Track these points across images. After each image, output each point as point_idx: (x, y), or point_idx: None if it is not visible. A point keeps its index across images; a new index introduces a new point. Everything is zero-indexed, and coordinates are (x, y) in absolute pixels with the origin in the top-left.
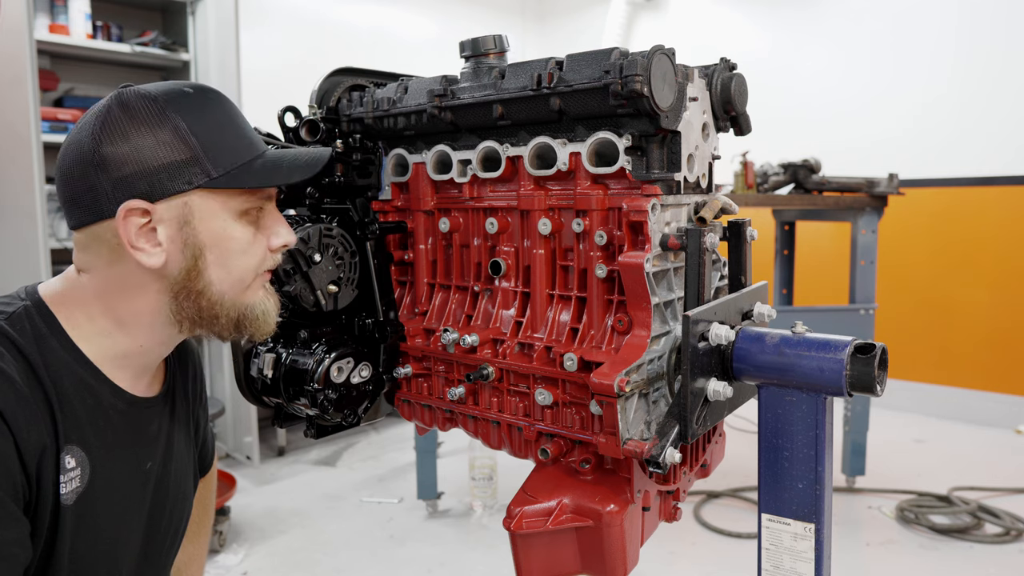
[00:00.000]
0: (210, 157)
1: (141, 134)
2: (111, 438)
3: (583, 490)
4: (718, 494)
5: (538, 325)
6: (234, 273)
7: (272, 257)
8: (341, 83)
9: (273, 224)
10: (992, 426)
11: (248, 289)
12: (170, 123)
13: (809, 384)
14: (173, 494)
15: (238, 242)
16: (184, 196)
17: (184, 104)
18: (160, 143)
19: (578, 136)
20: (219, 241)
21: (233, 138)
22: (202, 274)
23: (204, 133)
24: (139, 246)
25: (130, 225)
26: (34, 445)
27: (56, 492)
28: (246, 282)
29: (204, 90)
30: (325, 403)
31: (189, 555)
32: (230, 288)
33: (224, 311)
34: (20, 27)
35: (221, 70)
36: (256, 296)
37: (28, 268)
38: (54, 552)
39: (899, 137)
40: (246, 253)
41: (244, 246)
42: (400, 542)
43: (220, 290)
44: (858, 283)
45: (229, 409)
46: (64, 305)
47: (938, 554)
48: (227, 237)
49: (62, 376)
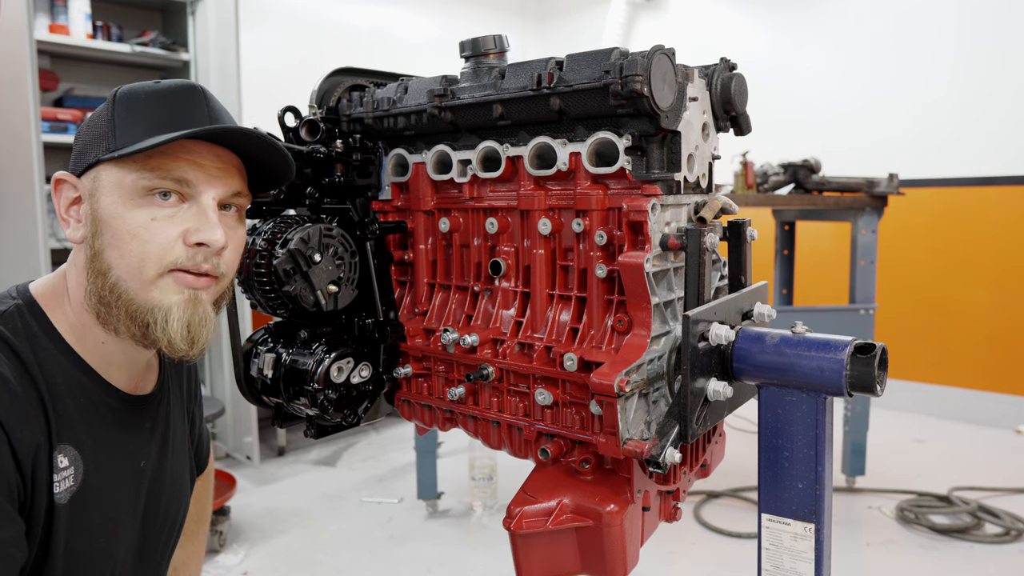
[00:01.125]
0: (119, 131)
1: (91, 118)
2: (104, 436)
3: (583, 490)
4: (718, 494)
5: (538, 325)
6: (127, 258)
7: (187, 253)
8: (341, 83)
9: (200, 219)
10: (992, 426)
11: (152, 285)
12: (113, 106)
13: (809, 384)
14: (168, 492)
15: (126, 222)
16: (94, 170)
17: (141, 91)
18: (92, 122)
19: (578, 136)
20: (112, 219)
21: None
22: (100, 254)
23: (127, 111)
24: (66, 218)
25: (60, 197)
26: (28, 444)
27: (50, 491)
28: (146, 275)
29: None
30: (325, 403)
31: (188, 553)
32: (128, 276)
33: (123, 302)
34: (20, 27)
35: (221, 70)
36: (165, 297)
37: (28, 268)
38: (49, 551)
39: (899, 137)
40: (137, 237)
41: (134, 228)
42: (400, 542)
43: (118, 275)
44: (858, 283)
45: (229, 409)
46: (55, 301)
47: (938, 554)
48: (117, 215)
49: (54, 374)
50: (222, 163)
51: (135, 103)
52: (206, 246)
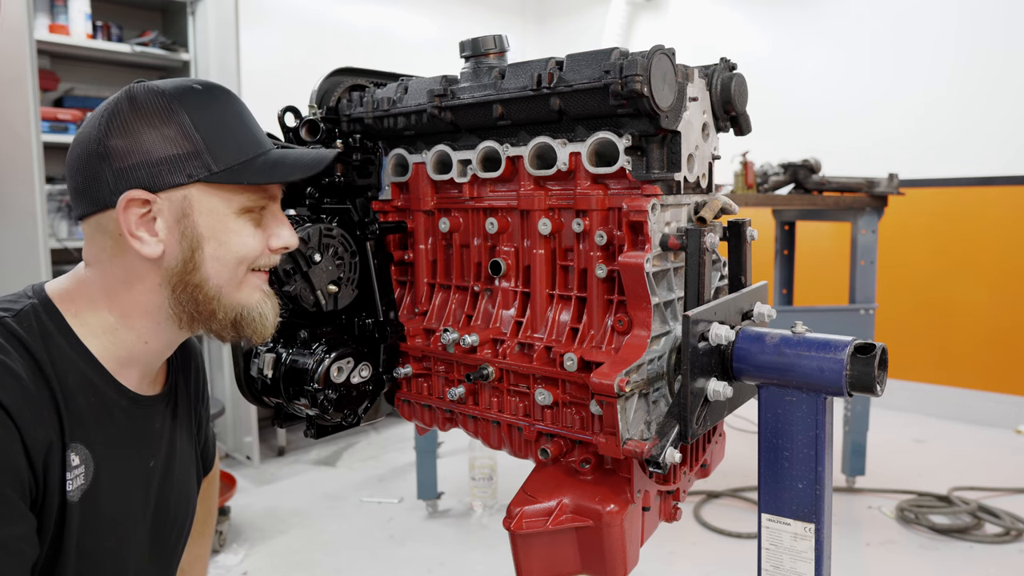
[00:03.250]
0: (212, 152)
1: (146, 127)
2: (114, 436)
3: (583, 490)
4: (718, 494)
5: (538, 325)
6: (229, 266)
7: (270, 257)
8: (341, 83)
9: (275, 225)
10: (992, 426)
11: (243, 287)
12: (175, 118)
13: (809, 384)
14: (177, 492)
15: (237, 235)
16: (184, 189)
17: (191, 100)
18: (163, 136)
19: (578, 136)
20: (216, 235)
21: (237, 135)
22: (199, 268)
23: (207, 128)
24: (138, 235)
25: (130, 215)
26: (40, 442)
27: (62, 489)
28: (239, 277)
29: (213, 87)
30: (325, 403)
31: (194, 555)
32: (225, 283)
33: (221, 308)
34: (20, 27)
35: (221, 70)
36: (253, 297)
37: (28, 268)
38: (62, 549)
39: (899, 137)
40: (243, 249)
41: (243, 239)
42: (400, 542)
43: (216, 284)
44: (858, 283)
45: (229, 409)
46: (72, 302)
47: (938, 554)
48: (225, 231)
49: (67, 374)
50: None
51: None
52: (287, 249)
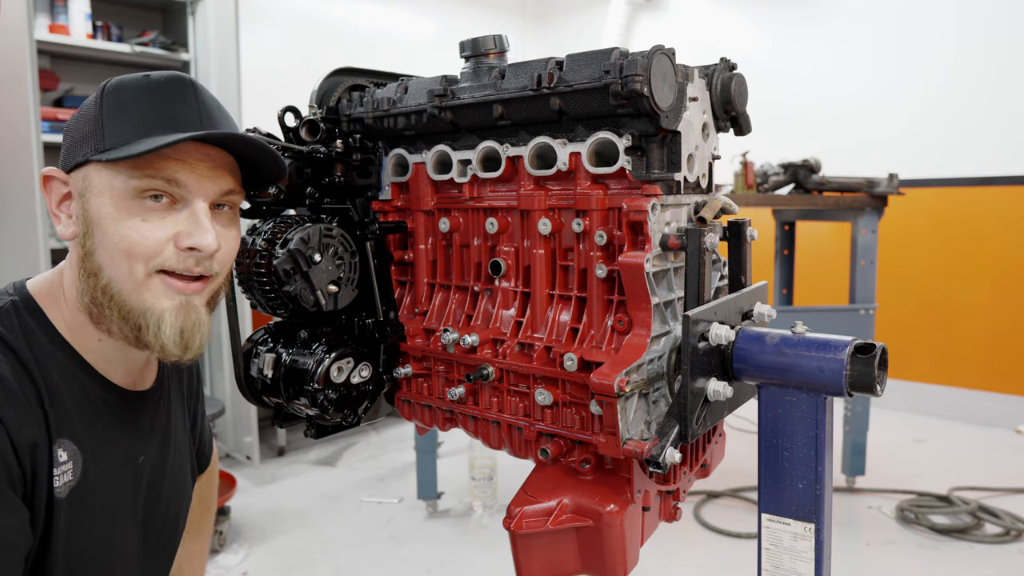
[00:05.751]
0: (107, 130)
1: (82, 114)
2: (102, 432)
3: (583, 490)
4: (718, 494)
5: (538, 325)
6: (117, 259)
7: (178, 256)
8: (341, 83)
9: (191, 223)
10: (992, 426)
11: (143, 287)
12: (101, 100)
13: (809, 384)
14: (169, 488)
15: (117, 224)
16: (83, 169)
17: (132, 85)
18: (81, 117)
19: (578, 136)
20: (101, 220)
21: (144, 116)
22: (91, 254)
23: (116, 108)
24: (57, 214)
25: (51, 193)
26: (27, 440)
27: (50, 485)
28: (136, 276)
29: (168, 79)
30: (325, 403)
31: (191, 552)
32: (119, 278)
33: (116, 304)
34: (20, 27)
35: (221, 70)
36: (157, 302)
37: (28, 268)
38: (50, 545)
39: (899, 137)
40: (127, 239)
41: (124, 230)
42: (400, 542)
43: (109, 276)
44: (858, 283)
45: (229, 409)
46: (51, 298)
47: (938, 554)
48: (106, 216)
49: (51, 370)
50: (212, 162)
51: (123, 98)
52: (198, 251)
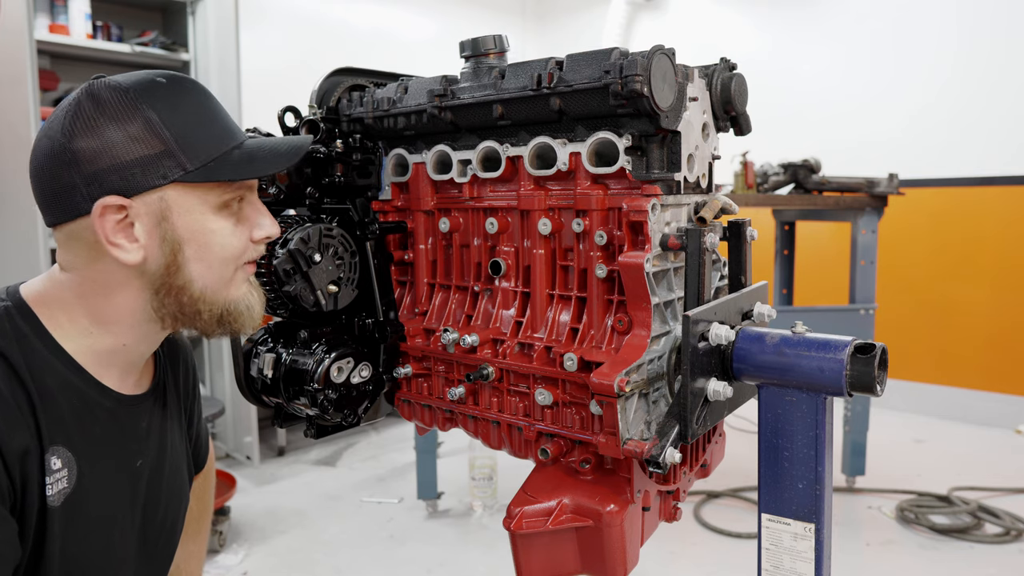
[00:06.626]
0: (184, 150)
1: (112, 127)
2: (98, 437)
3: (583, 490)
4: (718, 494)
5: (538, 325)
6: (215, 267)
7: (255, 248)
8: (341, 83)
9: (255, 215)
10: (992, 426)
11: (231, 283)
12: (141, 115)
13: (809, 384)
14: (167, 491)
15: (217, 236)
16: (159, 191)
17: (157, 94)
18: (131, 136)
19: (578, 136)
20: (197, 236)
21: (208, 129)
22: (182, 269)
23: (177, 125)
24: (116, 242)
25: (107, 222)
26: (16, 449)
27: (42, 494)
28: (227, 276)
29: (178, 79)
30: (325, 403)
31: (188, 552)
32: (212, 283)
33: (207, 307)
34: (20, 27)
35: (221, 70)
36: (240, 291)
37: (28, 268)
38: (43, 554)
39: (899, 137)
40: (226, 246)
41: (224, 239)
42: (400, 542)
43: (202, 285)
44: (858, 283)
45: (229, 409)
46: (46, 305)
47: (938, 554)
48: (205, 231)
49: (45, 376)
50: None
51: (175, 110)
52: (269, 239)
